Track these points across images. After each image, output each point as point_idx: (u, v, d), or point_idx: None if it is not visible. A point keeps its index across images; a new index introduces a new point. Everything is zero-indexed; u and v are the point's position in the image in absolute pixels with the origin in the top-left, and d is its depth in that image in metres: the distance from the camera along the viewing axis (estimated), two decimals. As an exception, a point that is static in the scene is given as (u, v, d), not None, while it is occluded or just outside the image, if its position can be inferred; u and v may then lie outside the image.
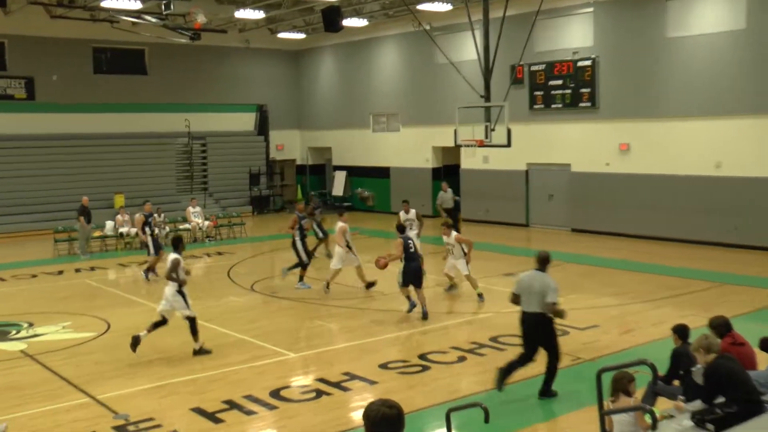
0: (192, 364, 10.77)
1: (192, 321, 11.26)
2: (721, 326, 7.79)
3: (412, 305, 13.31)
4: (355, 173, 31.96)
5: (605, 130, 22.74)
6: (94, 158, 28.54)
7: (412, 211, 17.88)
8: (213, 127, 31.74)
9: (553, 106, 23.72)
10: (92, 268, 19.29)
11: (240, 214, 26.86)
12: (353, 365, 10.59)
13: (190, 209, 23.64)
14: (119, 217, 22.57)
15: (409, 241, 13.30)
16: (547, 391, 9.12)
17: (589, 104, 22.76)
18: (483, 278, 16.77)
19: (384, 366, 10.48)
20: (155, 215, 22.55)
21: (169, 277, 11.07)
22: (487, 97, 19.58)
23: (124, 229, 22.26)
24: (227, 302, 14.91)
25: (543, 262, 9.16)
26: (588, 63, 22.63)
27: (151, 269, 17.35)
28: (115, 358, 11.17)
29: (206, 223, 23.74)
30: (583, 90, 22.82)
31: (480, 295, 14.57)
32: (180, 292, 11.16)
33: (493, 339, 11.68)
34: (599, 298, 14.56)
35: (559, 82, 23.40)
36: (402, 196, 29.87)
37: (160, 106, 30.45)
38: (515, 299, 9.16)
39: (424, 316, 13.06)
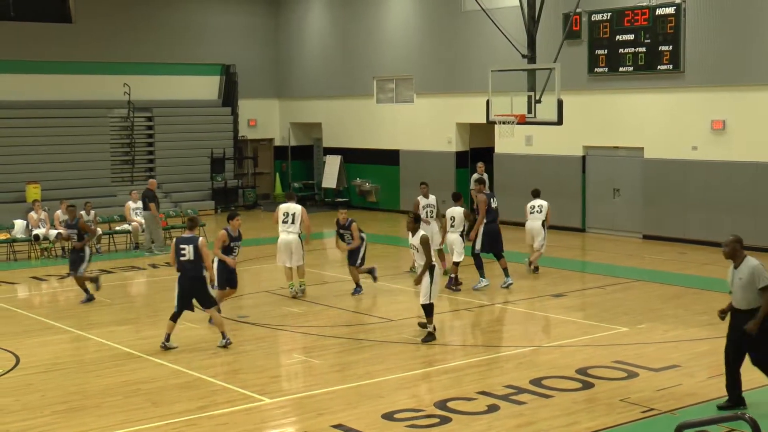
0: (129, 413, 10.82)
1: None
2: None
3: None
4: (353, 158, 32.04)
5: (692, 103, 22.74)
6: (-1, 135, 28.65)
7: (432, 197, 19.08)
8: (162, 94, 31.84)
9: (621, 69, 23.74)
10: (-4, 283, 19.41)
11: (198, 211, 26.90)
12: (348, 415, 10.59)
13: (131, 205, 23.73)
14: (33, 214, 22.67)
15: (492, 198, 17.57)
16: None
17: (670, 67, 22.76)
18: (523, 300, 16.84)
19: (389, 416, 10.50)
20: (83, 213, 22.80)
21: None
22: (531, 58, 19.59)
23: (39, 231, 22.35)
24: (179, 330, 14.91)
25: None
26: (671, 11, 22.63)
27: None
28: (27, 404, 11.21)
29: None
30: (664, 48, 22.83)
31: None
32: None
33: (535, 382, 11.71)
34: (682, 329, 14.57)
35: (631, 36, 23.42)
36: (415, 188, 29.94)
37: (90, 65, 30.56)
38: None
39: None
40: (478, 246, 17.61)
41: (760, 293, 10.03)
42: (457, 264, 17.65)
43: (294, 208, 17.13)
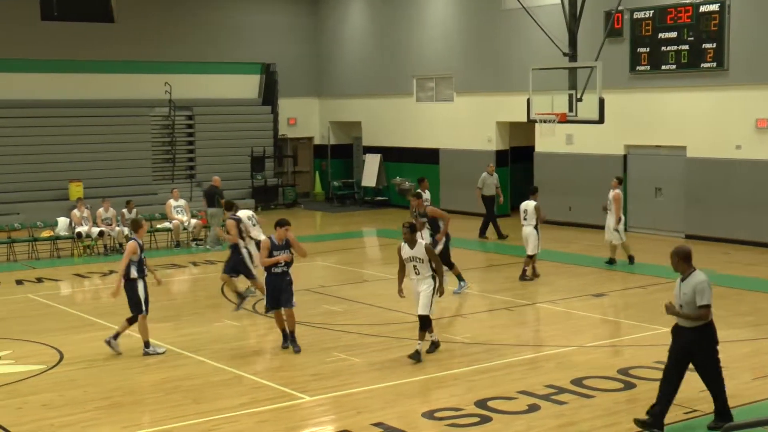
0: (170, 409, 10.93)
1: None
2: None
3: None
4: (393, 157, 32.08)
5: (736, 101, 22.52)
6: (43, 134, 29.00)
7: (427, 193, 19.12)
8: (202, 93, 32.08)
9: (663, 67, 23.56)
10: (39, 280, 19.65)
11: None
12: (387, 414, 10.63)
13: (172, 203, 23.93)
14: (76, 212, 22.92)
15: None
16: None
17: (714, 65, 22.57)
18: (563, 300, 16.77)
19: (429, 415, 10.53)
20: (124, 210, 23.06)
21: None
22: (572, 56, 19.52)
23: (83, 229, 22.61)
24: (220, 328, 15.07)
25: None
26: (715, 8, 22.43)
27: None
28: (70, 400, 11.35)
29: (193, 221, 24.01)
30: (707, 45, 22.63)
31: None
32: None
33: (576, 382, 11.66)
34: (725, 329, 14.37)
35: (674, 34, 23.24)
36: (454, 187, 29.93)
37: (132, 64, 30.85)
38: None
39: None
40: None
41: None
42: (531, 257, 18.21)
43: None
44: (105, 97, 30.36)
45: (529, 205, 18.15)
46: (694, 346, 9.67)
